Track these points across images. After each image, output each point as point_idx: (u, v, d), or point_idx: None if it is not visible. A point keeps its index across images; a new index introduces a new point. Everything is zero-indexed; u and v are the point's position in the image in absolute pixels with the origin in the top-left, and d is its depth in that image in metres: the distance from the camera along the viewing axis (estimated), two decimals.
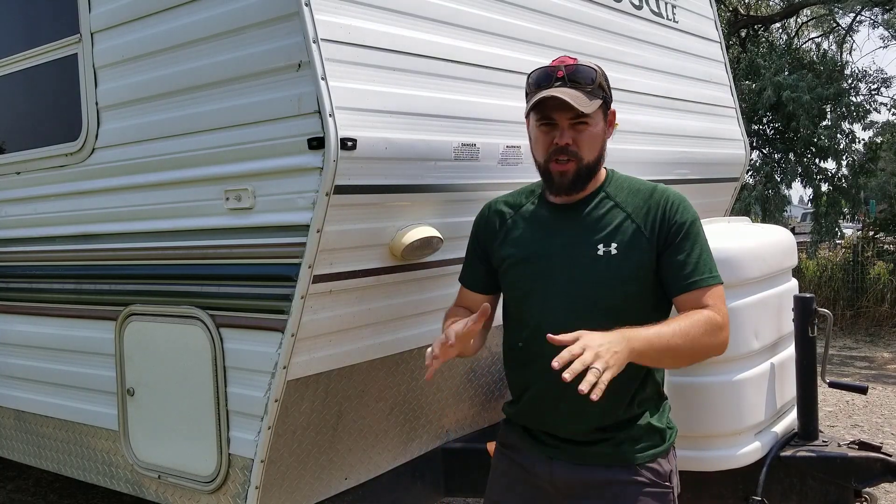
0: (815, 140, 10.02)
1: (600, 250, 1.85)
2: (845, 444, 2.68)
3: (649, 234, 1.85)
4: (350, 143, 2.06)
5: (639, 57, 3.34)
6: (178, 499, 2.61)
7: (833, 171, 10.54)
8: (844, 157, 10.33)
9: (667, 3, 3.60)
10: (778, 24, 14.15)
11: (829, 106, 10.11)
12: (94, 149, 2.72)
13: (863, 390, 3.03)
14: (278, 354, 2.21)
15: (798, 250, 3.59)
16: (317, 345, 2.28)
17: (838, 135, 10.12)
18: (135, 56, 2.53)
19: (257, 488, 2.31)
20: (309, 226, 2.11)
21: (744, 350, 2.60)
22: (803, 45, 14.04)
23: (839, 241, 11.18)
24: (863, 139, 10.88)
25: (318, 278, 2.17)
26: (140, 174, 2.58)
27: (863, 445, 2.66)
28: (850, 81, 10.78)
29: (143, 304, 2.66)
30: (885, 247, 10.74)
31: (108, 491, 2.94)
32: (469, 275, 2.09)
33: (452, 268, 2.11)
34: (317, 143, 2.06)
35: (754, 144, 10.54)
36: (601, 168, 1.95)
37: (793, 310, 2.76)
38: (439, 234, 2.40)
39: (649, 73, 3.38)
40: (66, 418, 3.01)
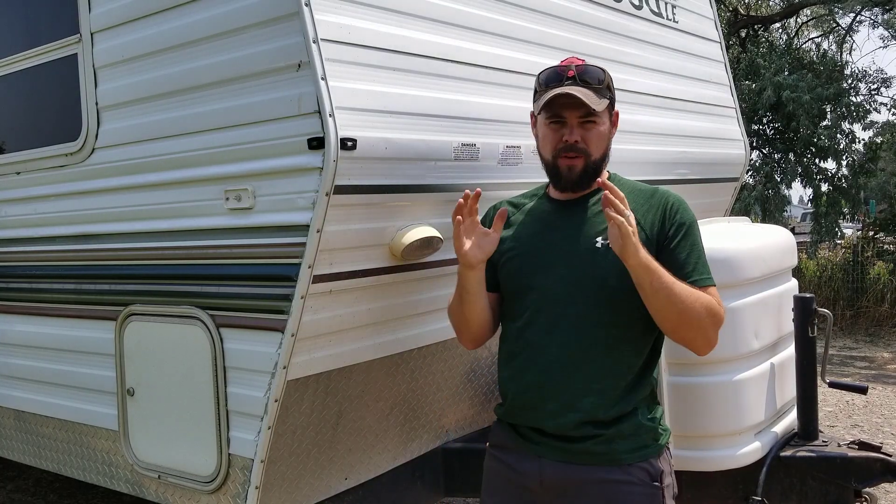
0: (815, 140, 10.01)
1: (599, 243, 1.88)
2: (845, 444, 2.69)
3: (649, 231, 1.88)
4: (350, 143, 2.06)
5: (639, 57, 3.34)
6: (178, 499, 2.61)
7: (833, 171, 10.54)
8: (844, 157, 10.32)
9: (667, 4, 3.60)
10: (778, 24, 14.15)
11: (829, 106, 10.10)
12: (94, 149, 2.72)
13: (863, 390, 3.03)
14: (278, 354, 2.21)
15: (798, 250, 3.60)
16: (317, 345, 2.28)
17: (838, 135, 10.11)
18: (135, 56, 2.53)
19: (257, 488, 2.31)
20: (309, 226, 2.11)
21: (744, 350, 2.61)
22: (803, 45, 14.04)
23: (839, 241, 11.17)
24: (863, 139, 10.89)
25: (318, 278, 2.17)
26: (140, 174, 2.58)
27: (863, 445, 2.66)
28: (850, 81, 10.77)
29: (143, 304, 2.66)
30: (885, 247, 10.74)
31: (108, 491, 2.94)
32: None
33: (452, 268, 2.10)
34: (317, 143, 2.06)
35: (754, 144, 10.54)
36: (605, 168, 1.99)
37: (793, 310, 2.76)
38: (439, 234, 2.40)
39: (649, 73, 3.38)
40: (66, 418, 3.01)
